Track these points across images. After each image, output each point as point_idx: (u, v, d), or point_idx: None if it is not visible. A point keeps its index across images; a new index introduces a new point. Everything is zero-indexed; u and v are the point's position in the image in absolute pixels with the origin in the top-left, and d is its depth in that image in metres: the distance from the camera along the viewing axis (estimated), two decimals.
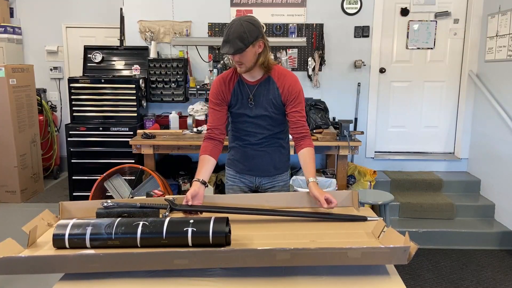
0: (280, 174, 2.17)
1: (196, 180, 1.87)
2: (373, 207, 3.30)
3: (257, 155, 2.11)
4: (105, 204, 1.71)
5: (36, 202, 4.54)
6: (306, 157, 1.95)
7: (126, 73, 4.41)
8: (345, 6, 4.24)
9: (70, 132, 4.14)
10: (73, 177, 4.18)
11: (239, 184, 2.20)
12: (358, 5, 4.23)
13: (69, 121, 4.27)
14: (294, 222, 1.74)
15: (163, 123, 4.22)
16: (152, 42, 4.27)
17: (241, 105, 2.04)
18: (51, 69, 5.55)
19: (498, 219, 3.80)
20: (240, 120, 2.08)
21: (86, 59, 4.48)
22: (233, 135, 2.16)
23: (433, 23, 4.31)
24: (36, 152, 4.82)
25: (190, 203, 1.77)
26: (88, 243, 1.44)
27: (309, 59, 4.27)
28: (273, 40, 4.18)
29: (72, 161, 4.16)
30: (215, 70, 4.16)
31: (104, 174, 3.55)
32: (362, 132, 3.79)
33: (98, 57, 4.45)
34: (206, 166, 1.95)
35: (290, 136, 2.13)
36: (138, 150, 3.64)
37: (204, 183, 1.87)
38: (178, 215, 1.78)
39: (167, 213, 1.74)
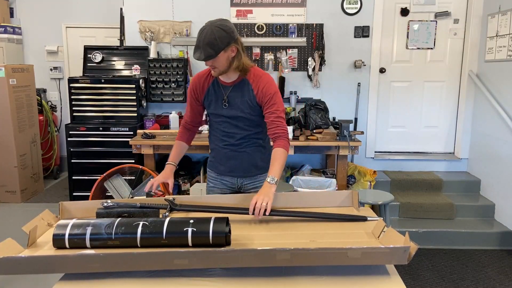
0: (262, 174, 2.14)
1: (170, 163, 2.10)
2: (373, 207, 3.30)
3: (237, 156, 2.10)
4: (105, 204, 1.71)
5: (36, 202, 4.54)
6: (273, 156, 1.92)
7: (126, 73, 4.41)
8: (345, 6, 4.24)
9: (70, 132, 4.14)
10: (73, 177, 4.19)
11: (219, 186, 2.19)
12: (358, 5, 4.23)
13: (69, 121, 4.27)
14: (294, 222, 1.74)
15: (163, 123, 4.23)
16: (152, 42, 4.27)
17: (216, 106, 2.04)
18: (51, 69, 5.55)
19: (498, 219, 3.80)
20: (217, 121, 2.08)
21: (86, 59, 4.48)
22: (213, 136, 2.16)
23: (433, 23, 4.31)
24: (36, 152, 4.82)
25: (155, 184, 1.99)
26: (88, 243, 1.44)
27: (309, 59, 4.27)
28: (273, 40, 4.18)
29: (72, 161, 4.17)
30: None
31: (104, 174, 3.55)
32: (362, 132, 3.79)
33: (98, 57, 4.45)
34: (180, 150, 2.21)
35: None
36: (138, 150, 3.64)
37: (174, 165, 2.12)
38: (178, 215, 1.79)
39: (167, 213, 1.75)
